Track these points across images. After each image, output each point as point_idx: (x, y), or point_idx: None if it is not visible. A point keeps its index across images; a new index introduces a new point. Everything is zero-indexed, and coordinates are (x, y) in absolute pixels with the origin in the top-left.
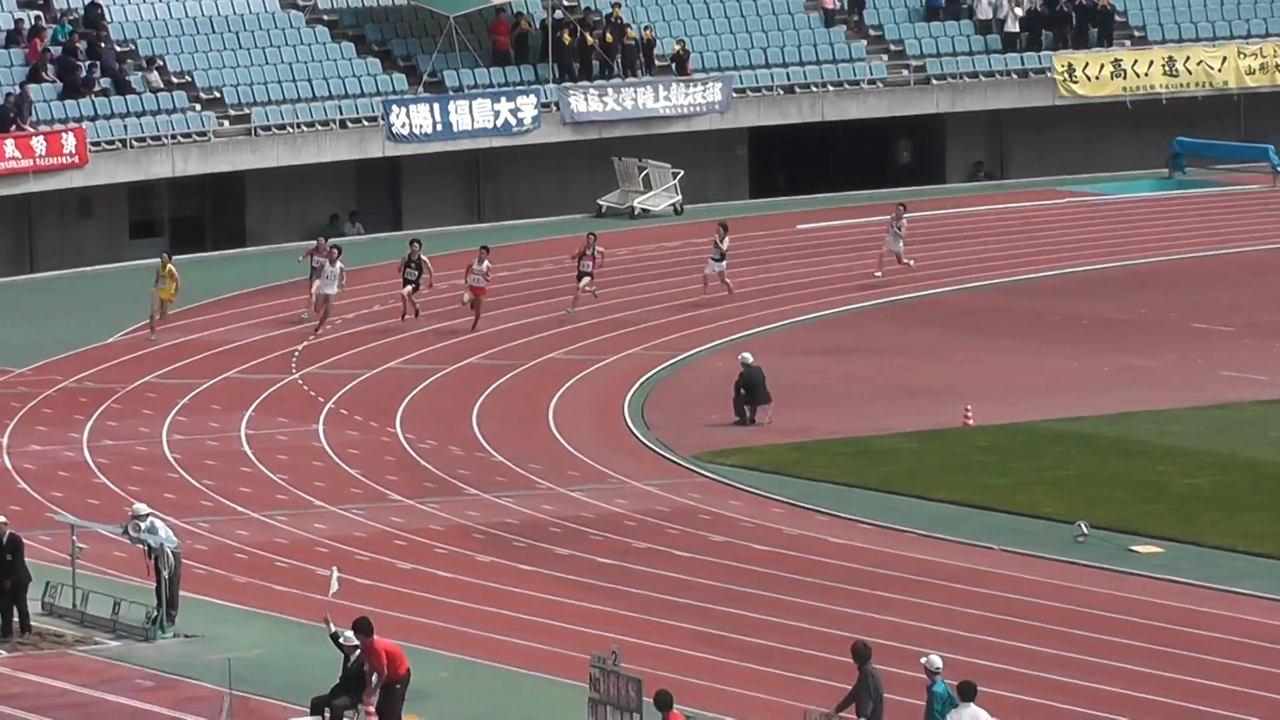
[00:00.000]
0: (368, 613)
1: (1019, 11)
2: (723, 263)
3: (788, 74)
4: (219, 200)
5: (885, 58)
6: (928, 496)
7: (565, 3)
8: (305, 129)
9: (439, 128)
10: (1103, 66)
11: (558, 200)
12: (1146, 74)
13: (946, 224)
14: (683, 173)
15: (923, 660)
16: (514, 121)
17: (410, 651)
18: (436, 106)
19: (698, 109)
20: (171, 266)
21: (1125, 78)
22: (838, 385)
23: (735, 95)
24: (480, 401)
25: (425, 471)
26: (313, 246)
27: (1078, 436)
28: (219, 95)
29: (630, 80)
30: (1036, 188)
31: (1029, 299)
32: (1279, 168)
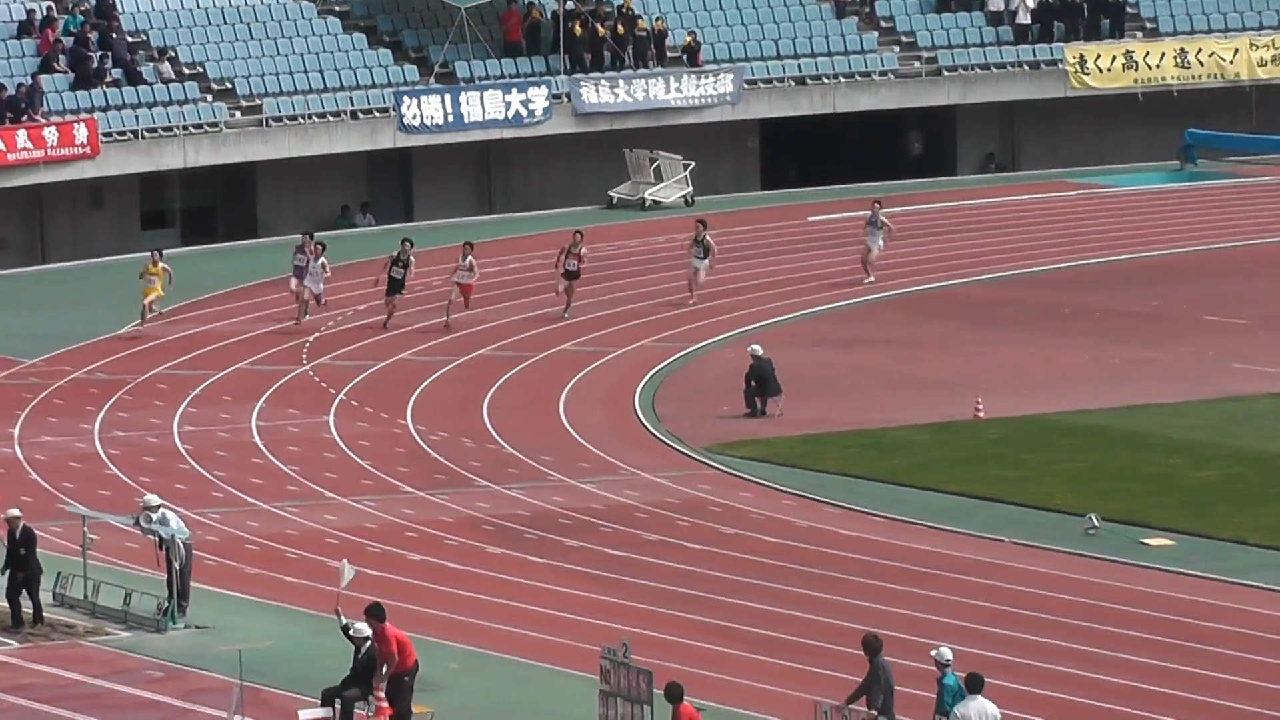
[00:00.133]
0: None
1: (1030, 3)
2: (706, 260)
3: (799, 65)
4: (230, 191)
5: (897, 49)
6: (938, 489)
7: None
8: (316, 120)
9: (450, 119)
10: (1114, 58)
11: (569, 192)
12: (1158, 66)
13: (958, 216)
14: (694, 164)
15: (933, 653)
16: (525, 113)
17: (420, 643)
18: (448, 98)
19: (709, 100)
20: (164, 265)
21: (1137, 69)
22: (848, 377)
23: (746, 87)
24: (491, 393)
25: (436, 463)
26: (298, 245)
27: (1089, 429)
28: (230, 86)
29: (641, 72)
30: (1048, 179)
31: (1040, 291)
32: None
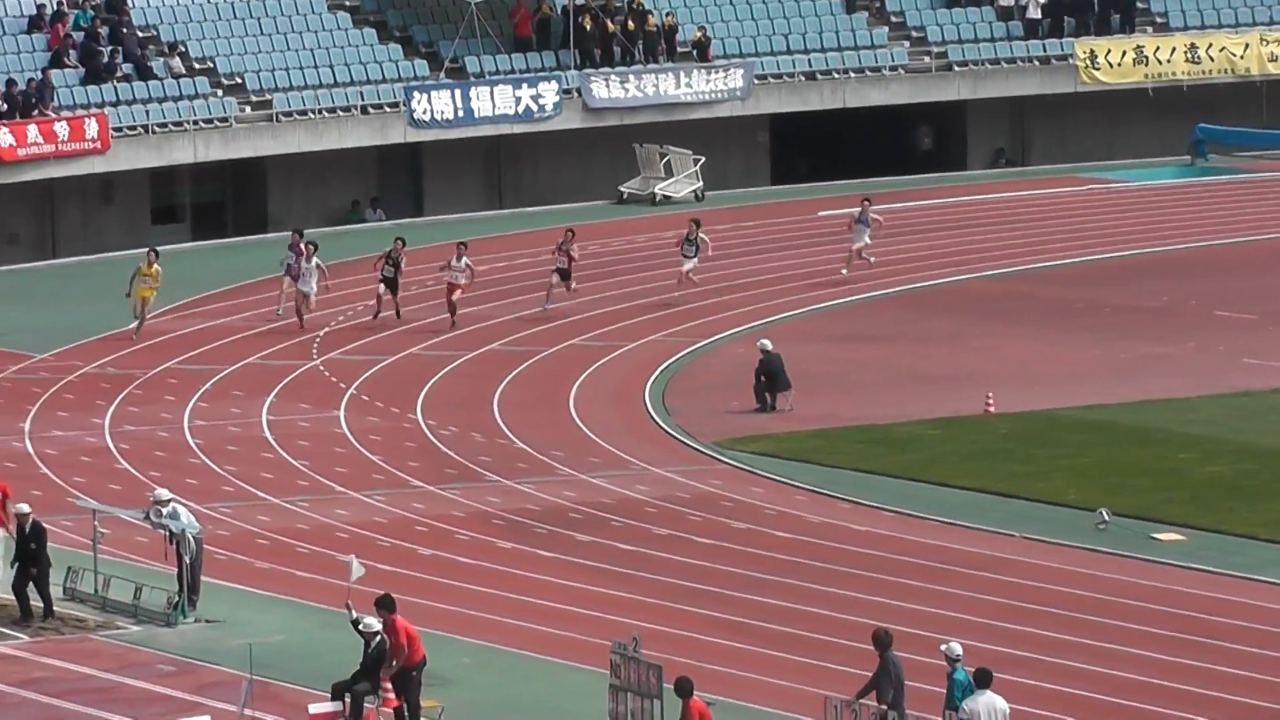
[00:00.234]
0: None
1: None
2: (694, 259)
3: (809, 60)
4: (240, 186)
5: (907, 44)
6: (949, 484)
7: None
8: (327, 115)
9: (460, 114)
10: (1125, 53)
11: (579, 187)
12: (1168, 61)
13: (967, 211)
14: (704, 159)
15: (943, 648)
16: (535, 108)
17: (431, 637)
18: (458, 92)
19: (719, 95)
20: (158, 267)
21: (1147, 64)
22: (858, 372)
23: (756, 82)
24: (501, 388)
25: (446, 458)
26: (290, 243)
27: (1099, 424)
28: (240, 81)
29: (651, 67)
30: (1058, 174)
31: (1050, 286)
32: None
